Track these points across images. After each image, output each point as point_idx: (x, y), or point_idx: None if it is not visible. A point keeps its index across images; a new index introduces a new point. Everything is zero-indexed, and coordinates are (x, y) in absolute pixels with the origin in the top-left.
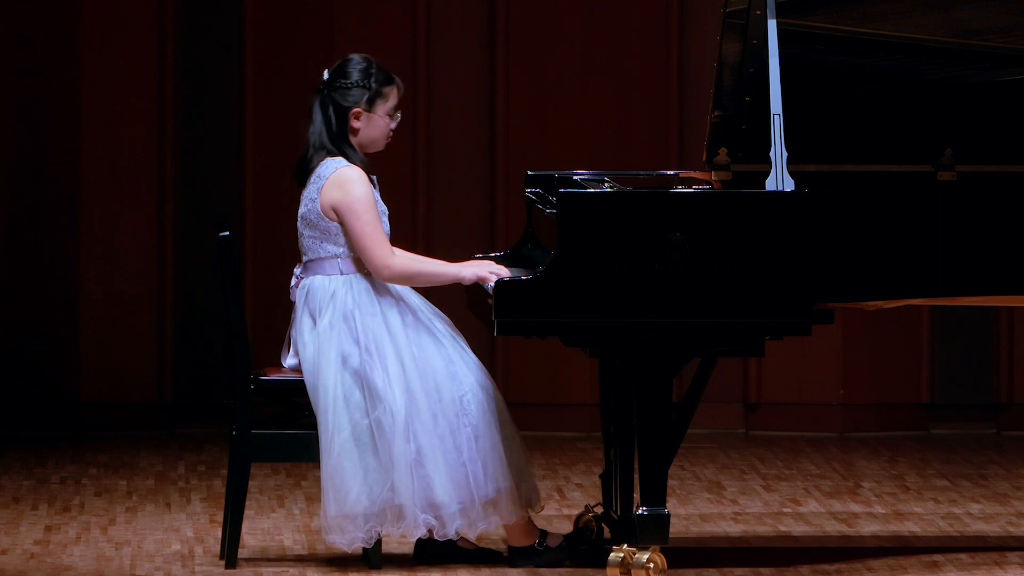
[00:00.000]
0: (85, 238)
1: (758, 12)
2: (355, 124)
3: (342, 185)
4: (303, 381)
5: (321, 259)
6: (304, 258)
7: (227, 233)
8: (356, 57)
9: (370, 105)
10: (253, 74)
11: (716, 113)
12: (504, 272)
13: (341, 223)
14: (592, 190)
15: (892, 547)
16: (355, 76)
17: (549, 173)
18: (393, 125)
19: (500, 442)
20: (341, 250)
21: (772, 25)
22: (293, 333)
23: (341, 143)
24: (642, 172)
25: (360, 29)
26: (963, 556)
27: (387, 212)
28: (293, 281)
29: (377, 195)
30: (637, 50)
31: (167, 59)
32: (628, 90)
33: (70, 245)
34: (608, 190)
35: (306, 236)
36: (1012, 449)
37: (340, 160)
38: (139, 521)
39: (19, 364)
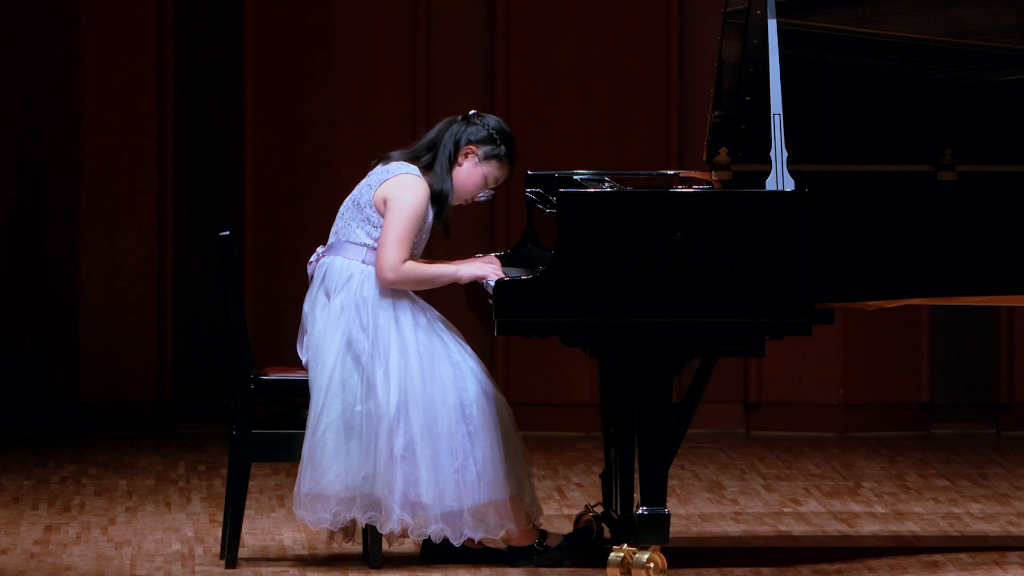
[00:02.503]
0: (85, 238)
1: (758, 12)
2: (461, 160)
3: (403, 185)
4: (303, 381)
5: (348, 243)
6: (331, 239)
7: (227, 233)
8: (504, 124)
9: (487, 156)
10: (253, 74)
11: (716, 113)
12: (500, 269)
13: (384, 215)
14: (592, 190)
15: (892, 547)
16: (493, 127)
17: (549, 173)
18: (483, 195)
19: (500, 454)
20: (371, 242)
21: (772, 25)
22: (306, 308)
23: (438, 164)
24: (642, 172)
25: (360, 29)
26: (963, 556)
27: (427, 237)
28: (313, 258)
29: (430, 219)
30: (637, 50)
31: (167, 59)
32: (628, 90)
33: (70, 245)
34: (608, 190)
35: (344, 218)
36: (1012, 449)
37: (414, 168)
38: (139, 521)
39: (19, 364)
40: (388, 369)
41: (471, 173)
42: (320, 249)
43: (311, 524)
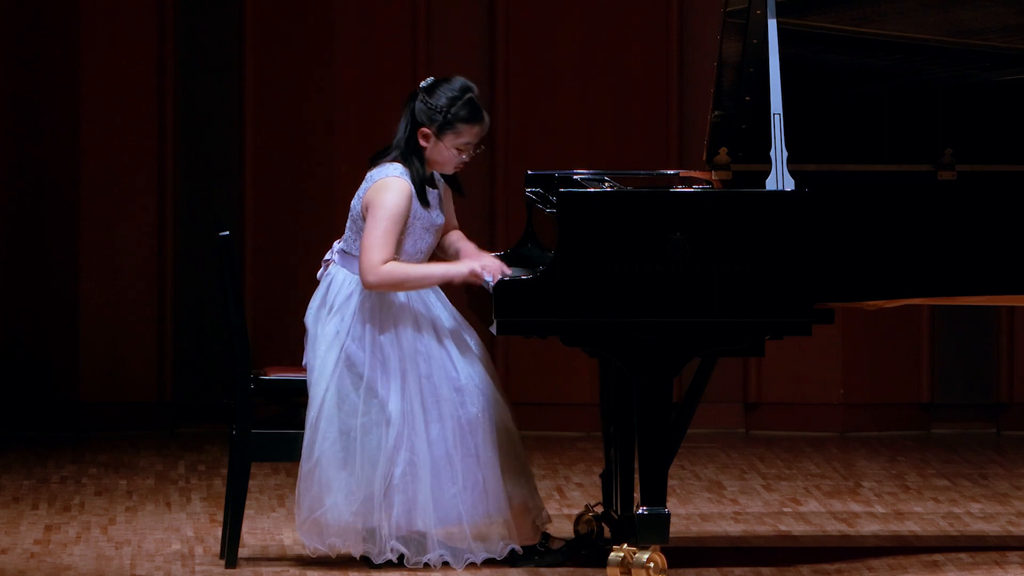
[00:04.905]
0: (85, 238)
1: (758, 12)
2: (422, 142)
3: (379, 190)
4: (303, 380)
5: (351, 254)
6: (342, 243)
7: (227, 233)
8: (457, 82)
9: (439, 133)
10: (253, 74)
11: (716, 113)
12: (496, 264)
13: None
14: (592, 190)
15: (892, 547)
16: (439, 100)
17: (549, 173)
18: (464, 158)
19: (501, 473)
20: None
21: (772, 25)
22: (308, 319)
23: (408, 151)
24: (642, 172)
25: (360, 29)
26: (963, 556)
27: (433, 227)
28: (327, 255)
29: (425, 214)
30: (637, 50)
31: (167, 59)
32: (628, 90)
33: (70, 245)
34: (608, 190)
35: (348, 226)
36: (1012, 449)
37: (397, 168)
38: (139, 521)
39: (19, 364)
40: (388, 390)
41: (437, 151)
42: (336, 245)
43: (309, 550)
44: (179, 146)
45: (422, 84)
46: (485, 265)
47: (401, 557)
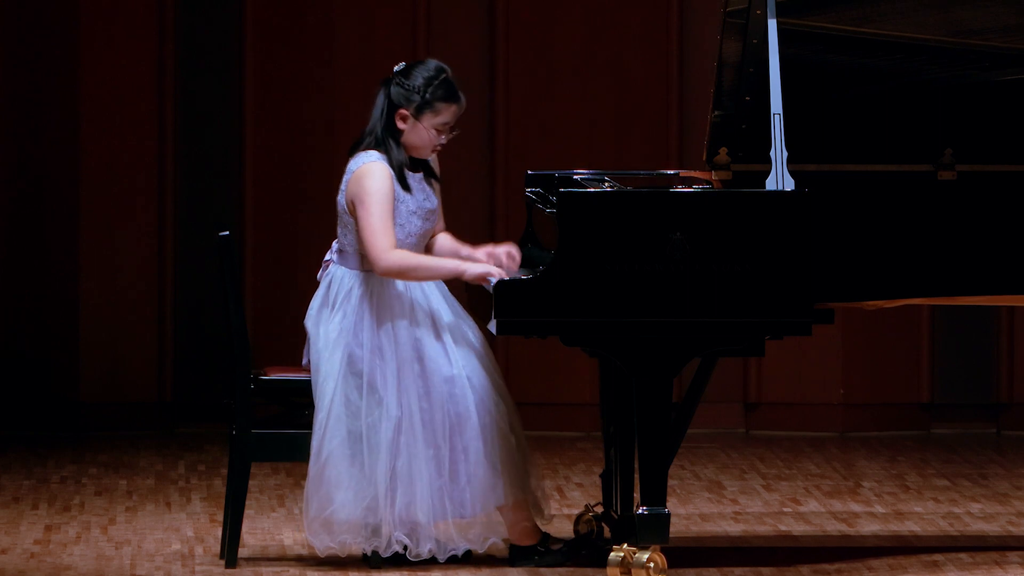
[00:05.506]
0: (85, 238)
1: (758, 12)
2: (400, 124)
3: (360, 179)
4: (303, 380)
5: (347, 251)
6: (336, 244)
7: (227, 233)
8: (431, 63)
9: (417, 113)
10: (253, 74)
11: (716, 113)
12: (504, 251)
13: (354, 216)
14: (592, 190)
15: (892, 547)
16: (416, 81)
17: (549, 173)
18: (442, 139)
19: (496, 465)
20: (358, 245)
21: (772, 25)
22: (309, 322)
23: (385, 136)
24: (642, 172)
25: (360, 29)
26: (963, 556)
27: (423, 210)
28: (327, 256)
29: (411, 200)
30: (637, 50)
31: (167, 59)
32: (628, 90)
33: (70, 245)
34: (608, 189)
35: (339, 224)
36: (1012, 449)
37: (373, 154)
38: (139, 521)
39: (19, 364)
40: (387, 386)
41: (416, 133)
42: (336, 245)
43: (319, 550)
44: (179, 146)
45: (396, 68)
46: (497, 260)
47: (405, 548)
